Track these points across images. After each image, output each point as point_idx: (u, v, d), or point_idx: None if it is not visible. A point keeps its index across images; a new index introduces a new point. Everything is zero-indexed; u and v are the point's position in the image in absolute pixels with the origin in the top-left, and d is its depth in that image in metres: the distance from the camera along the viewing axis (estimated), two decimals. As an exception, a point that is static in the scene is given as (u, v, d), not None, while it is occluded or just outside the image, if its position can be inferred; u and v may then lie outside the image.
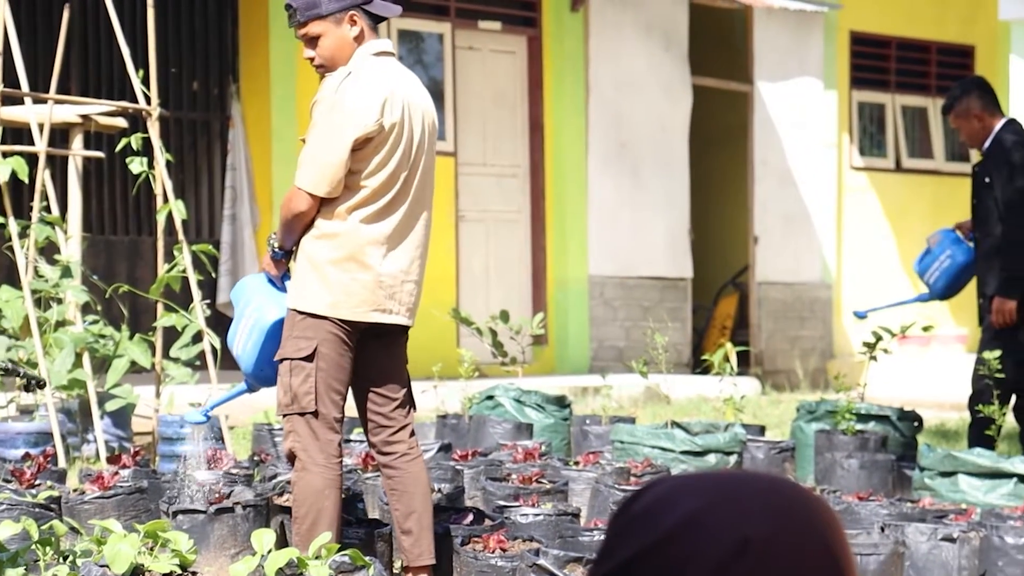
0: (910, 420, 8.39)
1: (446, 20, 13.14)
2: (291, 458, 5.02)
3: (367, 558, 4.73)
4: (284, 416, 5.05)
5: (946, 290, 8.31)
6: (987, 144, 7.98)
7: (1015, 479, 6.62)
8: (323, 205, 4.96)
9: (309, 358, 4.96)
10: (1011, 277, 7.64)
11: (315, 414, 4.97)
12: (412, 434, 5.20)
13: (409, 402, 5.23)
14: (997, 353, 7.48)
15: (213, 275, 9.78)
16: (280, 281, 5.22)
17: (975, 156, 8.14)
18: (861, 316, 8.58)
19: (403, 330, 5.19)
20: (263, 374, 5.30)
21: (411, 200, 5.05)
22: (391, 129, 4.95)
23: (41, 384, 4.71)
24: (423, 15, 13.07)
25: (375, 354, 5.13)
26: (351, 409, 5.23)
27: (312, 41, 5.05)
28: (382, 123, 4.91)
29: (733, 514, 1.45)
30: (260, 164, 12.17)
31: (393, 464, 5.13)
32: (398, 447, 5.14)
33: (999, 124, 7.98)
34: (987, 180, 7.89)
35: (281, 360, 5.02)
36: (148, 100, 7.74)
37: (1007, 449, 8.82)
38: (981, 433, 7.71)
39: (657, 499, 1.49)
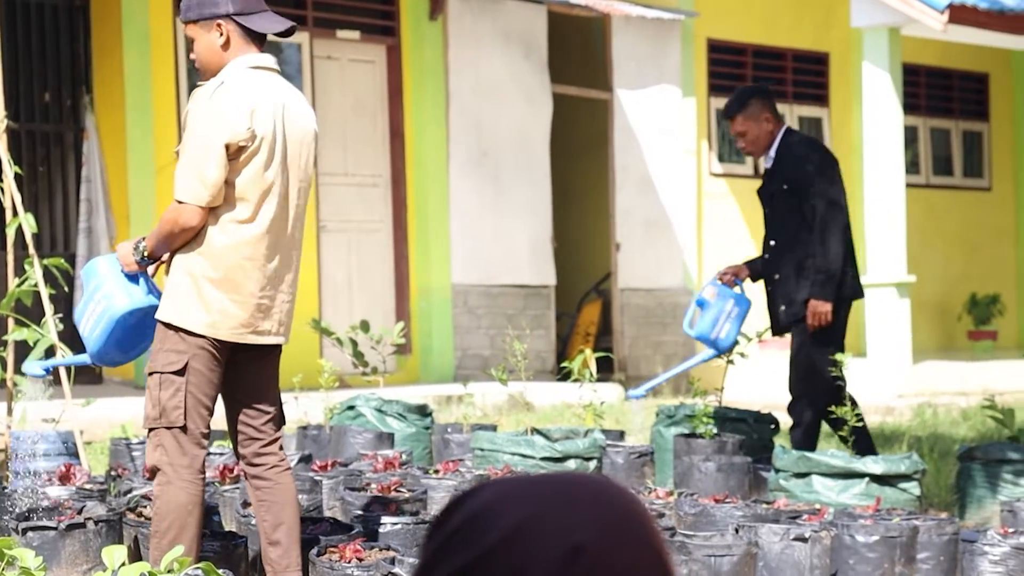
0: (767, 423, 8.51)
1: (304, 29, 13.08)
2: (154, 472, 4.97)
3: (221, 571, 4.70)
4: (151, 430, 5.00)
5: (736, 341, 8.14)
6: (774, 151, 7.82)
7: (867, 479, 6.74)
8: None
9: (180, 372, 4.95)
10: (827, 279, 7.66)
11: (183, 428, 4.95)
12: (281, 447, 5.19)
13: (279, 416, 5.21)
14: (840, 356, 7.55)
15: (67, 289, 9.62)
16: (135, 277, 5.22)
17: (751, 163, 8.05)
18: (638, 397, 8.31)
19: (276, 346, 5.17)
20: (108, 357, 5.39)
21: (289, 217, 5.05)
22: (263, 140, 4.92)
23: None
24: (281, 25, 13.00)
25: (246, 368, 5.12)
26: (217, 423, 5.20)
27: (192, 42, 5.14)
28: (253, 131, 4.88)
29: (562, 522, 1.42)
30: (116, 175, 12.01)
31: (262, 475, 5.12)
32: (268, 459, 5.13)
33: (782, 131, 7.87)
34: (785, 187, 7.73)
35: (150, 373, 5.00)
36: (-3, 112, 7.59)
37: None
38: (808, 434, 7.80)
39: (481, 508, 1.45)
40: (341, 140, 13.40)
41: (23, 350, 8.12)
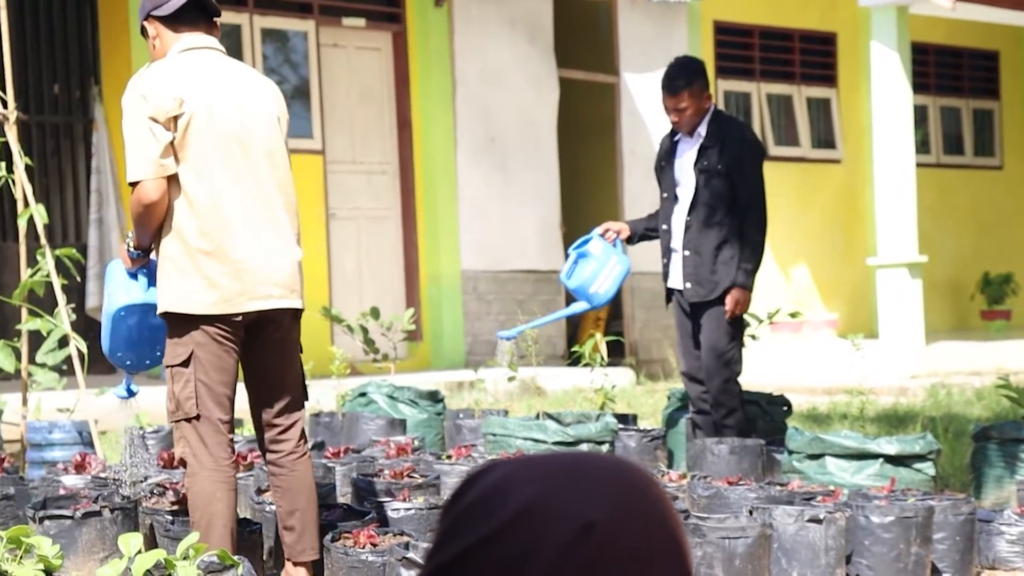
0: (779, 405, 8.49)
1: (310, 18, 13.08)
2: (183, 464, 5.01)
3: (236, 557, 4.71)
4: (174, 423, 5.05)
5: (613, 297, 8.01)
6: (704, 128, 7.68)
7: (881, 460, 6.73)
8: (169, 204, 4.96)
9: (186, 363, 4.96)
10: (753, 269, 7.64)
11: (198, 418, 4.97)
12: (302, 433, 5.19)
13: (299, 400, 5.20)
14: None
15: (79, 279, 9.64)
16: (135, 274, 5.27)
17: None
18: (507, 339, 8.11)
19: (292, 318, 5.12)
20: (118, 359, 5.43)
21: (260, 181, 5.01)
22: (197, 108, 4.93)
23: None
24: (286, 13, 13.01)
25: (264, 348, 5.10)
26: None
27: None
28: (180, 100, 4.90)
29: (574, 499, 1.40)
30: (125, 167, 12.01)
31: (278, 462, 5.14)
32: (285, 445, 5.14)
33: (712, 109, 7.76)
34: (719, 168, 7.59)
35: (165, 367, 5.05)
36: (4, 104, 7.61)
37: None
38: (746, 416, 7.80)
39: (492, 486, 1.44)
40: (348, 128, 13.39)
41: (36, 340, 8.14)
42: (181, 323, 4.97)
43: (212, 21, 5.14)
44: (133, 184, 4.97)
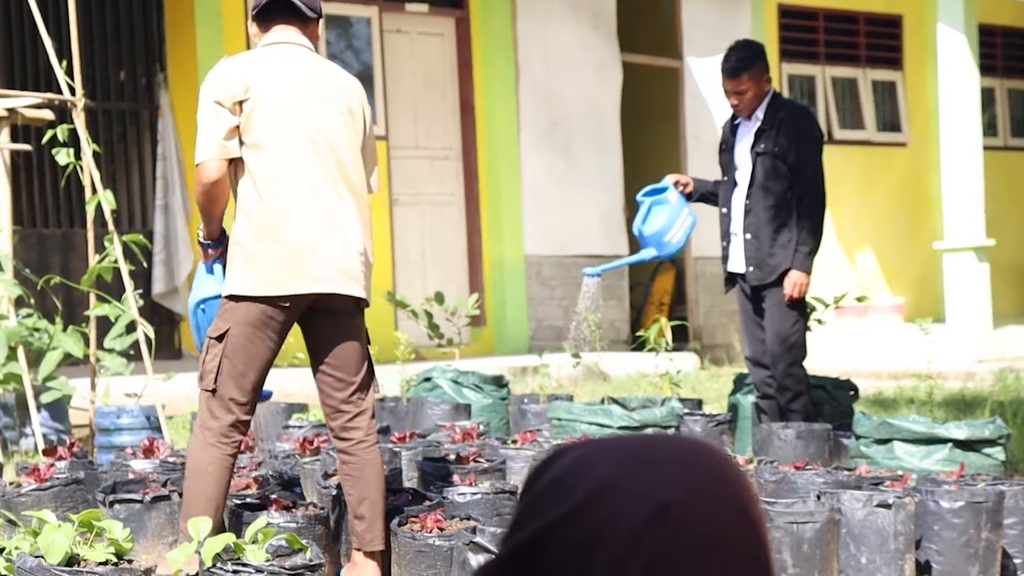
0: (846, 389, 8.44)
1: (373, 4, 13.10)
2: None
3: (304, 541, 4.73)
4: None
5: (681, 248, 7.97)
6: (762, 112, 7.66)
7: (950, 444, 6.68)
8: (236, 188, 5.03)
9: (220, 338, 5.04)
10: (811, 253, 7.59)
11: (213, 392, 5.03)
12: (371, 421, 5.21)
13: (367, 386, 5.22)
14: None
15: (145, 265, 9.71)
16: (211, 267, 5.32)
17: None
18: (592, 276, 8.00)
19: (355, 307, 5.15)
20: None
21: (326, 165, 5.04)
22: (263, 92, 4.99)
23: None
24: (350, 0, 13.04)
25: (325, 334, 5.14)
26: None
27: None
28: (246, 85, 4.98)
29: (650, 479, 1.39)
30: (190, 153, 12.08)
31: (348, 451, 5.16)
32: (355, 433, 5.16)
33: (771, 92, 7.74)
34: (776, 151, 7.56)
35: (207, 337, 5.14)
36: (73, 91, 7.67)
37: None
38: (811, 399, 7.75)
39: (569, 467, 1.43)
40: (412, 113, 13.41)
41: (104, 326, 8.21)
42: (230, 303, 5.04)
43: (305, 19, 5.20)
44: (197, 164, 5.05)
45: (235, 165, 5.04)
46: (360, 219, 5.14)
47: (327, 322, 5.13)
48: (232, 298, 5.04)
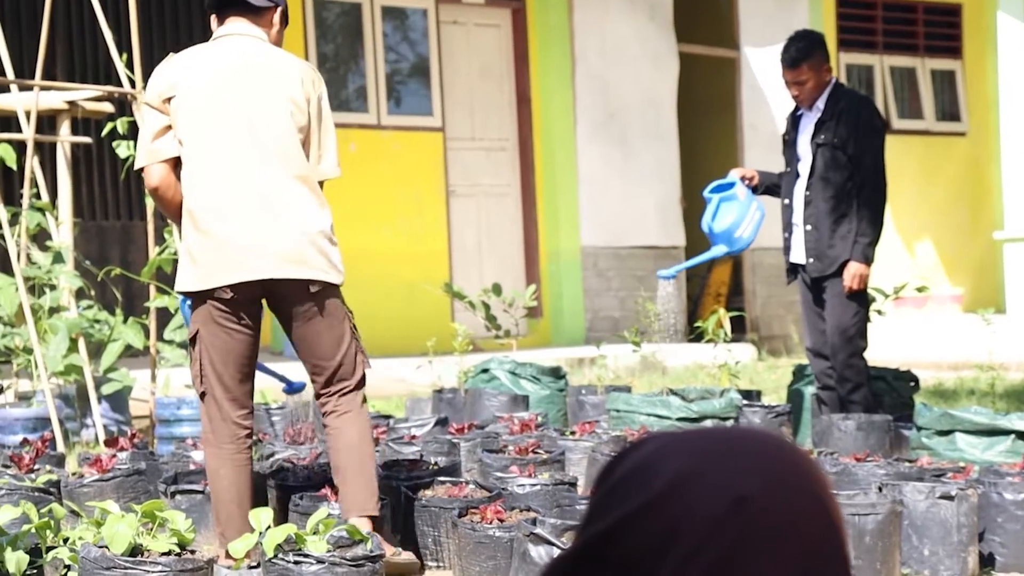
0: (906, 380, 8.39)
1: (430, -5, 13.10)
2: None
3: (365, 532, 4.74)
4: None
5: (751, 242, 7.90)
6: (823, 102, 7.61)
7: (1012, 436, 6.62)
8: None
9: (193, 342, 5.05)
10: (871, 243, 7.53)
11: (203, 395, 5.04)
12: (352, 397, 5.12)
13: (344, 370, 5.12)
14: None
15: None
16: None
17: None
18: (668, 278, 7.93)
19: (308, 292, 5.02)
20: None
21: (258, 155, 4.96)
22: (190, 87, 4.99)
23: None
24: (407, -9, 13.05)
25: (287, 323, 5.09)
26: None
27: None
28: (172, 82, 5.01)
29: (726, 472, 1.38)
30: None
31: (327, 422, 5.16)
32: (331, 406, 5.14)
33: (832, 82, 7.67)
34: (835, 141, 7.50)
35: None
36: (133, 84, 7.72)
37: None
38: (871, 391, 7.69)
39: (645, 459, 1.42)
40: (468, 105, 13.41)
41: (164, 317, 8.26)
42: (194, 304, 5.03)
43: (256, 10, 5.13)
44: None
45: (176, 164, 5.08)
46: (307, 203, 5.01)
47: (284, 310, 5.06)
48: (184, 295, 5.08)
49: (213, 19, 5.22)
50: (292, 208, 4.98)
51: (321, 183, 5.12)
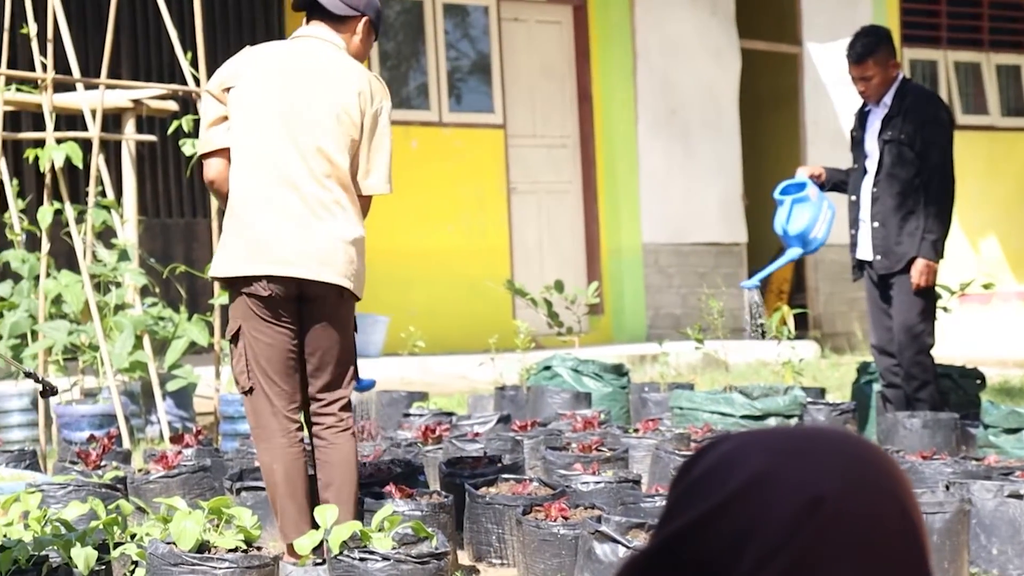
0: (972, 378, 8.32)
1: (492, -8, 13.10)
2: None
3: (430, 529, 4.75)
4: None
5: (824, 241, 7.83)
6: (890, 98, 7.58)
7: (1080, 434, 6.56)
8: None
9: (235, 339, 5.03)
10: (938, 240, 7.46)
11: (250, 392, 5.01)
12: (344, 408, 5.09)
13: (341, 379, 5.09)
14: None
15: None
16: None
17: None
18: (751, 288, 7.86)
19: (336, 296, 5.01)
20: None
21: (298, 153, 4.94)
22: (250, 78, 4.99)
23: (53, 391, 4.71)
24: (469, -12, 13.05)
25: (306, 323, 5.05)
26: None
27: None
28: (235, 71, 5.02)
29: (804, 472, 1.37)
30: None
31: (319, 434, 5.09)
32: (325, 419, 5.08)
33: (900, 78, 7.63)
34: (902, 138, 7.47)
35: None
36: (197, 82, 7.76)
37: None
38: (938, 389, 7.62)
39: (721, 458, 1.41)
40: (529, 102, 13.41)
41: (228, 314, 8.30)
42: (234, 298, 5.02)
43: (335, 17, 5.12)
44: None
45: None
46: (343, 212, 4.98)
47: (306, 311, 5.04)
48: (228, 289, 5.05)
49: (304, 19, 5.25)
50: (327, 214, 4.96)
51: (369, 198, 5.10)
